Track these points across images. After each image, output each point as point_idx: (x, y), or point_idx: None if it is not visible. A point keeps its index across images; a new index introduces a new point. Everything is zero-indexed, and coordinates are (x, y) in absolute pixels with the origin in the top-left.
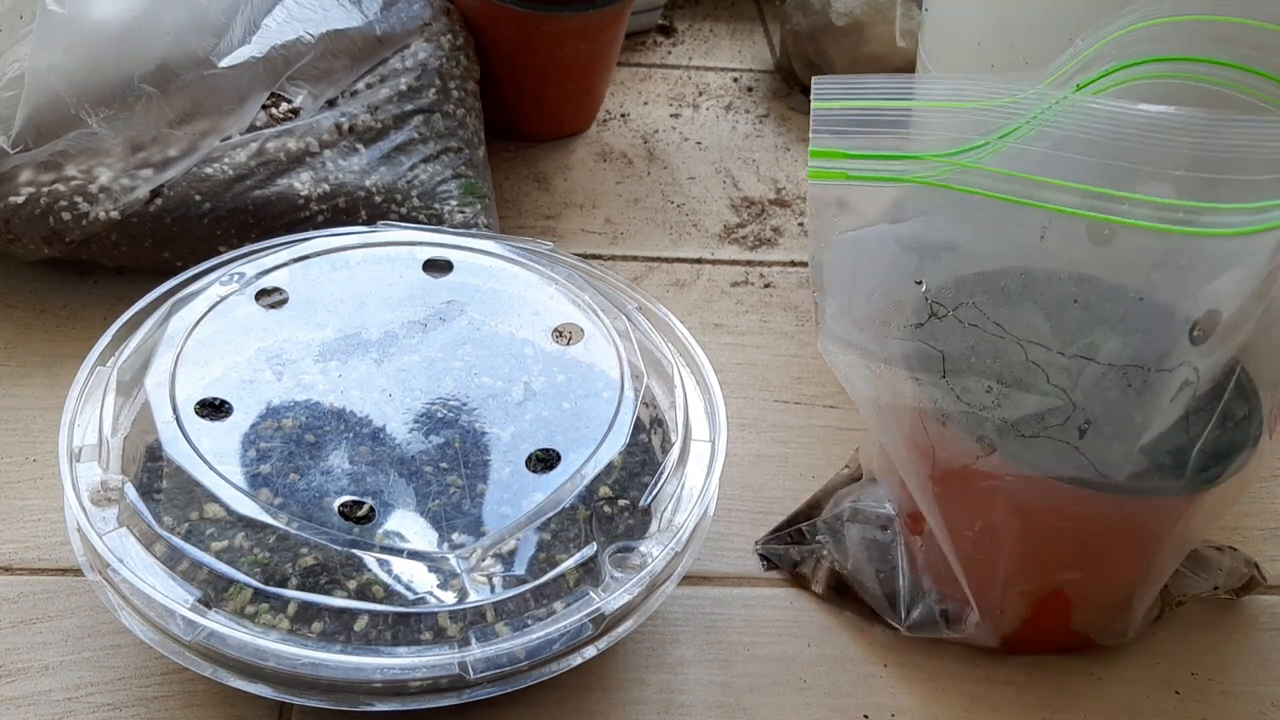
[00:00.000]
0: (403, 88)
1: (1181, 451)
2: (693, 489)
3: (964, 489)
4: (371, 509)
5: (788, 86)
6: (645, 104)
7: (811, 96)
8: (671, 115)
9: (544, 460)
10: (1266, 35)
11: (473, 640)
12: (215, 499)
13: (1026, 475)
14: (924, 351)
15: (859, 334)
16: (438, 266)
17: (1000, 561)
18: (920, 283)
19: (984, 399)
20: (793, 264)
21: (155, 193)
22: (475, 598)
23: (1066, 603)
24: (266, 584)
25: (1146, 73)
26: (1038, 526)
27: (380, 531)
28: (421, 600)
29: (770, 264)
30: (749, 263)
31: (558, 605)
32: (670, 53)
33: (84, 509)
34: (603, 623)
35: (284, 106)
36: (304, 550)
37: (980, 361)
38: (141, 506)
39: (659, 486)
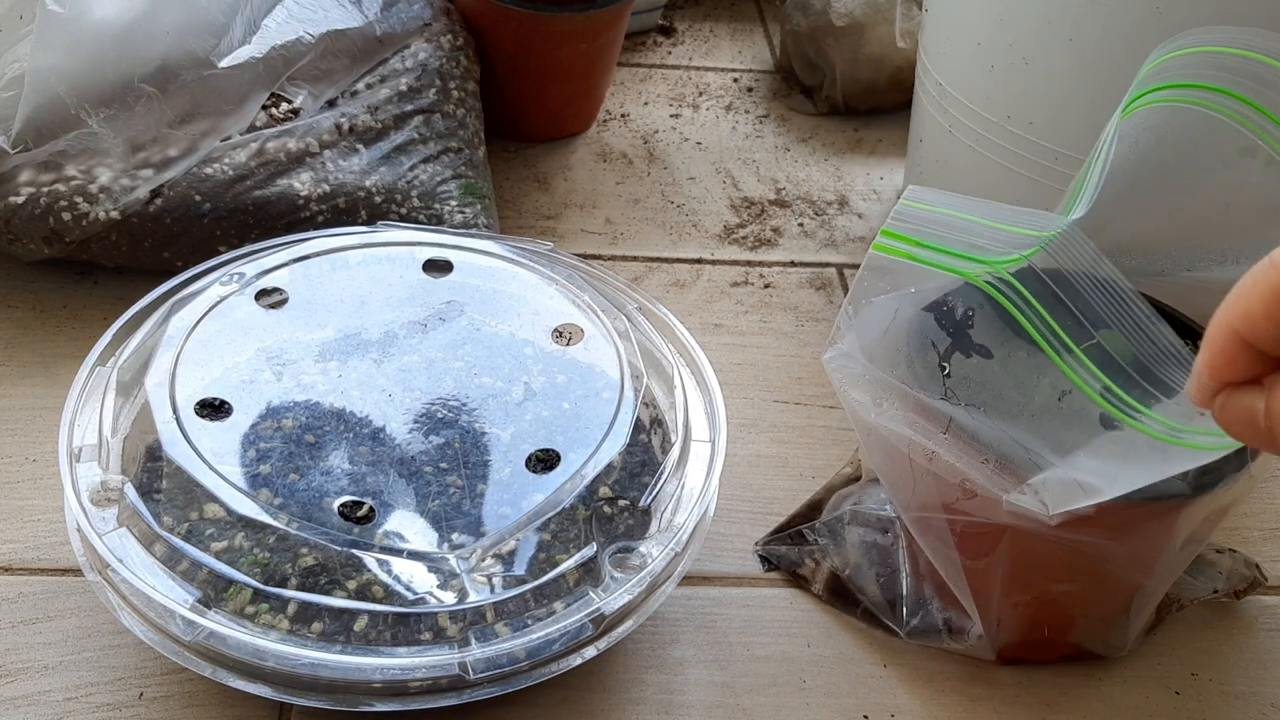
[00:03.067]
0: (403, 88)
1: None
2: (693, 489)
3: (948, 517)
4: (371, 509)
5: (788, 86)
6: (645, 104)
7: (903, 195)
8: (671, 115)
9: (544, 460)
10: (1263, 69)
11: (473, 640)
12: (215, 499)
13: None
14: (934, 410)
15: (875, 369)
16: (438, 267)
17: (994, 573)
18: (944, 367)
19: (979, 467)
20: (792, 264)
21: (155, 193)
22: (475, 598)
23: (1063, 615)
24: (266, 584)
25: (1156, 99)
26: (1026, 545)
27: (380, 532)
28: (421, 600)
29: (770, 264)
30: (749, 263)
31: (558, 605)
32: (670, 53)
33: (84, 509)
34: (603, 623)
35: (284, 106)
36: (304, 550)
37: (980, 441)
38: (141, 506)
39: (659, 487)
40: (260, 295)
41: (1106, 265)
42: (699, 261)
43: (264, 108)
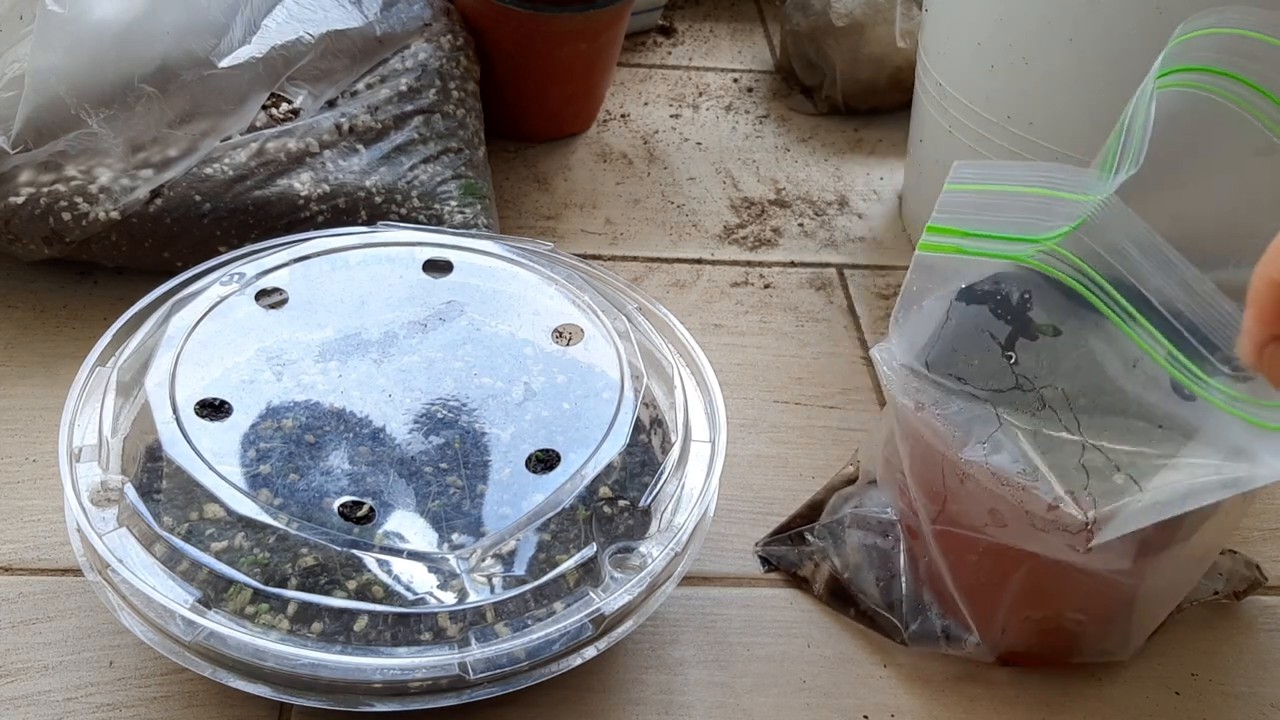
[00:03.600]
0: (403, 88)
1: None
2: (693, 489)
3: (970, 540)
4: (371, 509)
5: (788, 87)
6: (645, 104)
7: (948, 179)
8: (671, 116)
9: (544, 460)
10: (1263, 47)
11: (473, 640)
12: (215, 499)
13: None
14: (981, 413)
15: (929, 370)
16: (438, 267)
17: (1007, 590)
18: (1010, 355)
19: (1015, 478)
20: (793, 264)
21: (155, 193)
22: (475, 598)
23: (1070, 634)
24: (266, 584)
25: (1168, 83)
26: (1049, 571)
27: (380, 532)
28: (421, 600)
29: (770, 264)
30: (749, 263)
31: (558, 606)
32: (670, 53)
33: (84, 509)
34: (603, 623)
35: (284, 107)
36: (304, 550)
37: (1031, 444)
38: (141, 507)
39: (659, 487)
40: (260, 295)
41: (1151, 232)
42: (699, 262)
43: (264, 108)
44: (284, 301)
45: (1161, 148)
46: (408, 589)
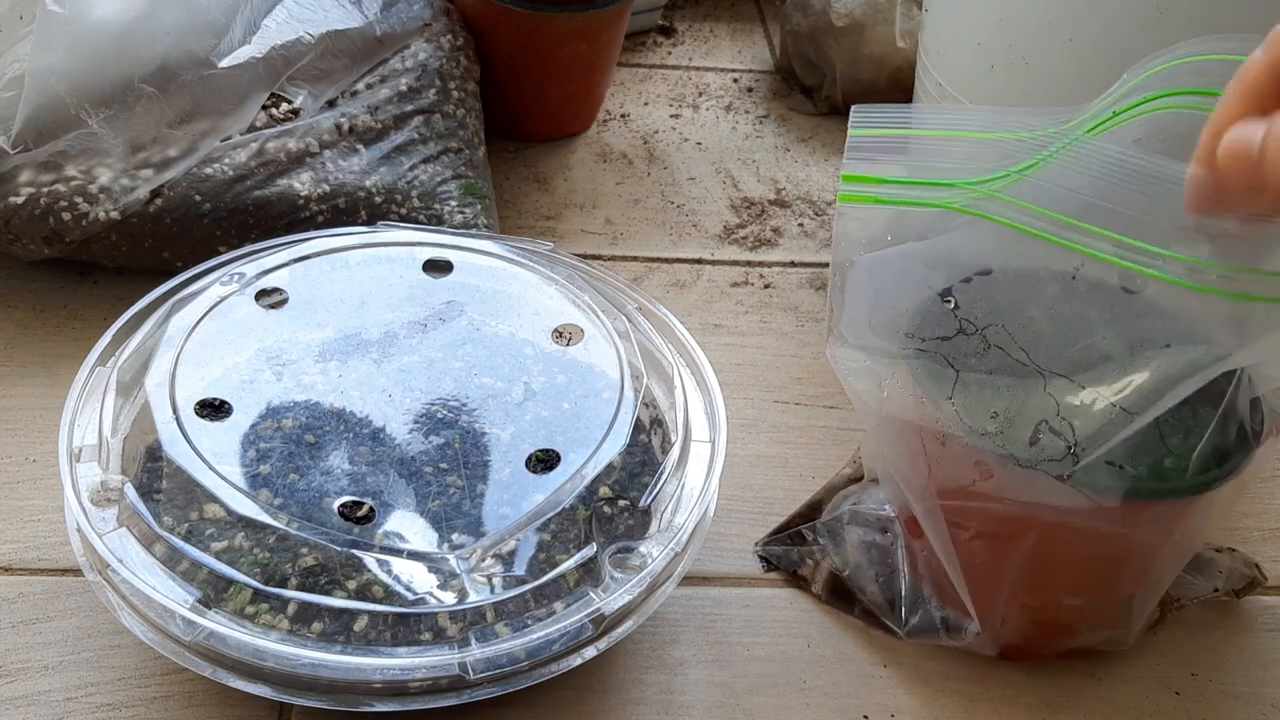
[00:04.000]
0: (403, 88)
1: (1180, 457)
2: (693, 489)
3: (963, 506)
4: (371, 509)
5: (788, 87)
6: (645, 104)
7: (849, 123)
8: (671, 116)
9: (544, 460)
10: None
11: (473, 640)
12: (215, 499)
13: (1024, 501)
14: (936, 369)
15: (875, 339)
16: (438, 267)
17: (1005, 575)
18: (950, 300)
19: (987, 424)
20: (793, 264)
21: (155, 193)
22: (475, 598)
23: (1068, 621)
24: (266, 584)
25: (1175, 103)
26: (1044, 544)
27: (380, 532)
28: (421, 600)
29: (770, 264)
30: (749, 263)
31: (558, 605)
32: (670, 53)
33: (84, 509)
34: (603, 623)
35: (284, 107)
36: (304, 550)
37: (992, 386)
38: (141, 507)
39: (659, 487)
40: (260, 295)
41: (1124, 151)
42: (699, 261)
43: (264, 108)
44: (284, 301)
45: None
46: (408, 589)
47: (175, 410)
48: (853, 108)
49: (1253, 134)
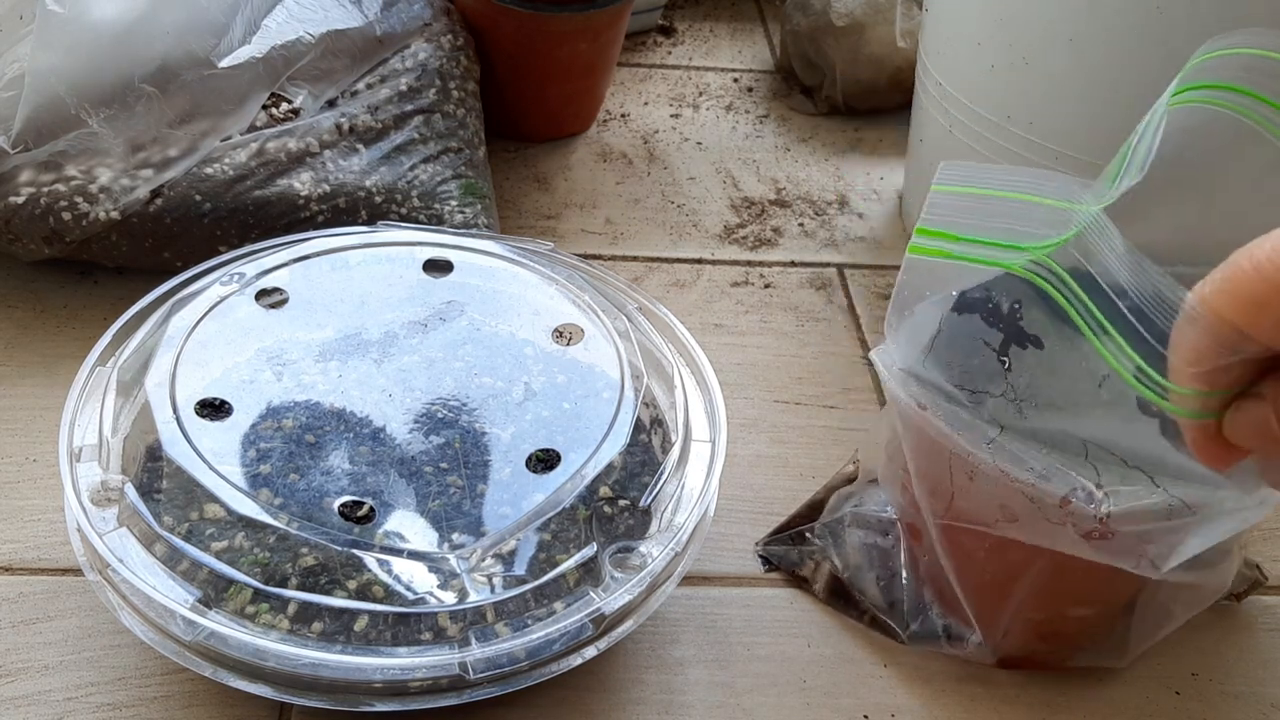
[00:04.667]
0: (403, 88)
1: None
2: (693, 489)
3: (979, 531)
4: (371, 509)
5: (788, 86)
6: (645, 104)
7: (935, 179)
8: (671, 115)
9: (544, 460)
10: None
11: (473, 640)
12: (215, 499)
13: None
14: (983, 418)
15: (926, 373)
16: (438, 266)
17: (1014, 592)
18: (1004, 360)
19: (1023, 475)
20: (793, 264)
21: (155, 193)
22: (475, 598)
23: (1071, 636)
24: (266, 584)
25: (1189, 99)
26: (1058, 568)
27: (380, 531)
28: (421, 600)
29: (770, 264)
30: (749, 263)
31: (558, 605)
32: (670, 53)
33: (84, 509)
34: (603, 623)
35: (284, 106)
36: (304, 550)
37: (1034, 445)
38: (141, 506)
39: (659, 486)
40: (260, 295)
41: (1128, 246)
42: (699, 261)
43: (264, 108)
44: (284, 301)
45: (1177, 160)
46: (408, 589)
47: (175, 410)
48: (942, 164)
49: (1263, 410)
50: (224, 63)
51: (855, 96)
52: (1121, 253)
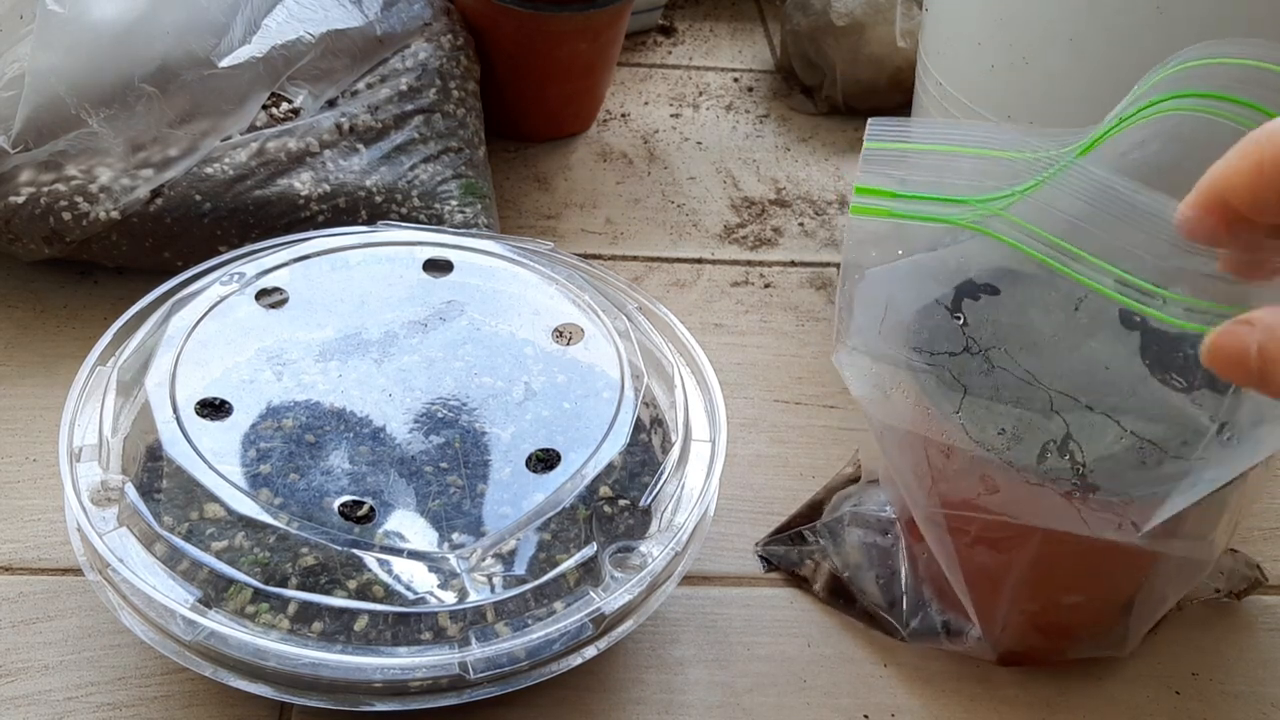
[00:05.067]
0: (403, 88)
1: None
2: (693, 489)
3: (965, 515)
4: (371, 509)
5: (788, 86)
6: (645, 104)
7: (865, 136)
8: (672, 115)
9: (544, 460)
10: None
11: (473, 640)
12: (215, 499)
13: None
14: (945, 381)
15: (884, 346)
16: (438, 266)
17: (1006, 580)
18: (959, 316)
19: (995, 440)
20: (793, 264)
21: (155, 193)
22: (475, 598)
23: (1068, 625)
24: (266, 584)
25: (1181, 106)
26: (1047, 550)
27: (380, 531)
28: (421, 600)
29: (770, 264)
30: (749, 263)
31: (558, 605)
32: (670, 53)
33: (84, 509)
34: (603, 623)
35: (284, 106)
36: (304, 550)
37: (1000, 403)
38: (141, 506)
39: (659, 486)
40: (260, 295)
41: (1120, 181)
42: (699, 261)
43: (264, 107)
44: (284, 301)
45: (1174, 169)
46: (408, 589)
47: (175, 410)
48: (870, 121)
49: (1246, 337)
50: (224, 63)
51: (855, 96)
52: (1093, 182)
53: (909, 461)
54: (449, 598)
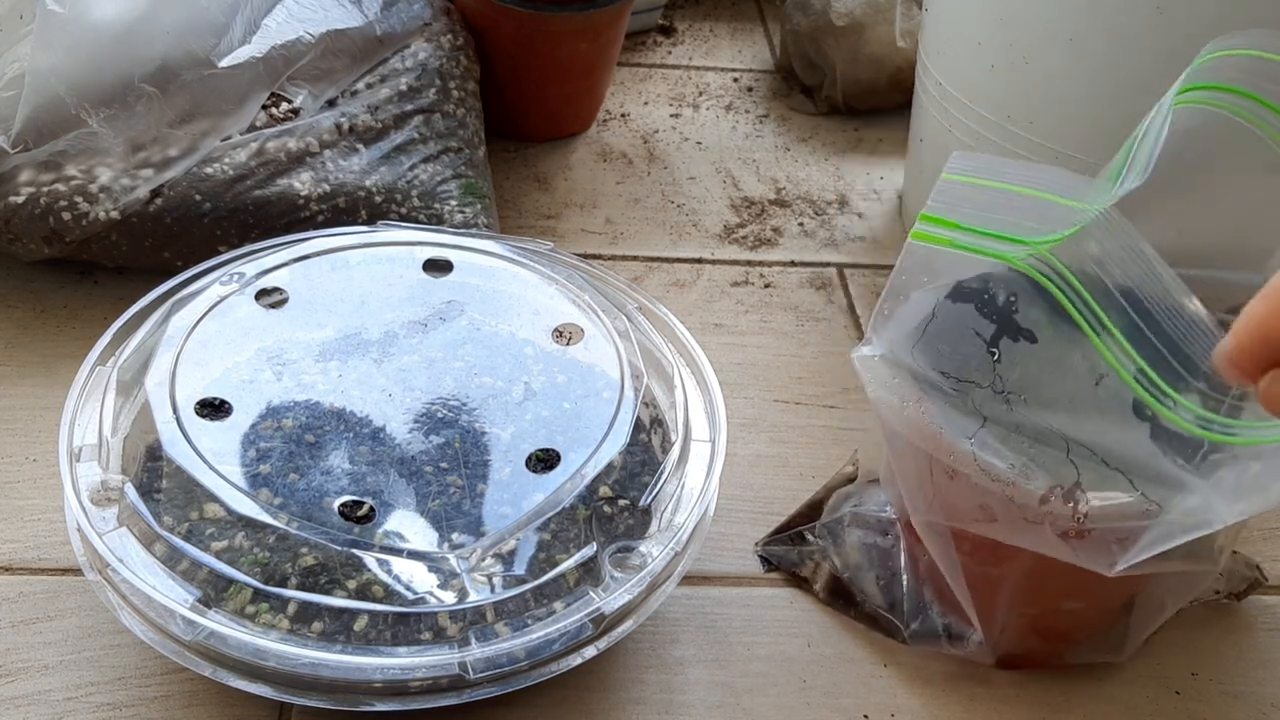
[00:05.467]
0: (403, 88)
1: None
2: (693, 489)
3: (962, 529)
4: (371, 509)
5: (788, 86)
6: (645, 104)
7: (946, 167)
8: (671, 115)
9: (544, 460)
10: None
11: (473, 640)
12: (215, 499)
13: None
14: (965, 409)
15: (914, 362)
16: (438, 266)
17: (1004, 585)
18: (994, 352)
19: (1002, 473)
20: (793, 264)
21: (155, 193)
22: (475, 598)
23: (1066, 629)
24: (266, 584)
25: (1186, 99)
26: (1041, 563)
27: (380, 531)
28: (421, 600)
29: (770, 264)
30: (749, 263)
31: (558, 605)
32: (670, 53)
33: (84, 509)
34: (603, 623)
35: (284, 106)
36: (304, 550)
37: (1017, 440)
38: (141, 506)
39: (659, 486)
40: (260, 295)
41: (1143, 243)
42: (699, 261)
43: (264, 107)
44: (284, 301)
45: (1176, 161)
46: (408, 589)
47: (175, 410)
48: (955, 153)
49: None
50: (224, 63)
51: (855, 96)
52: (1134, 252)
53: (913, 472)
54: (449, 598)
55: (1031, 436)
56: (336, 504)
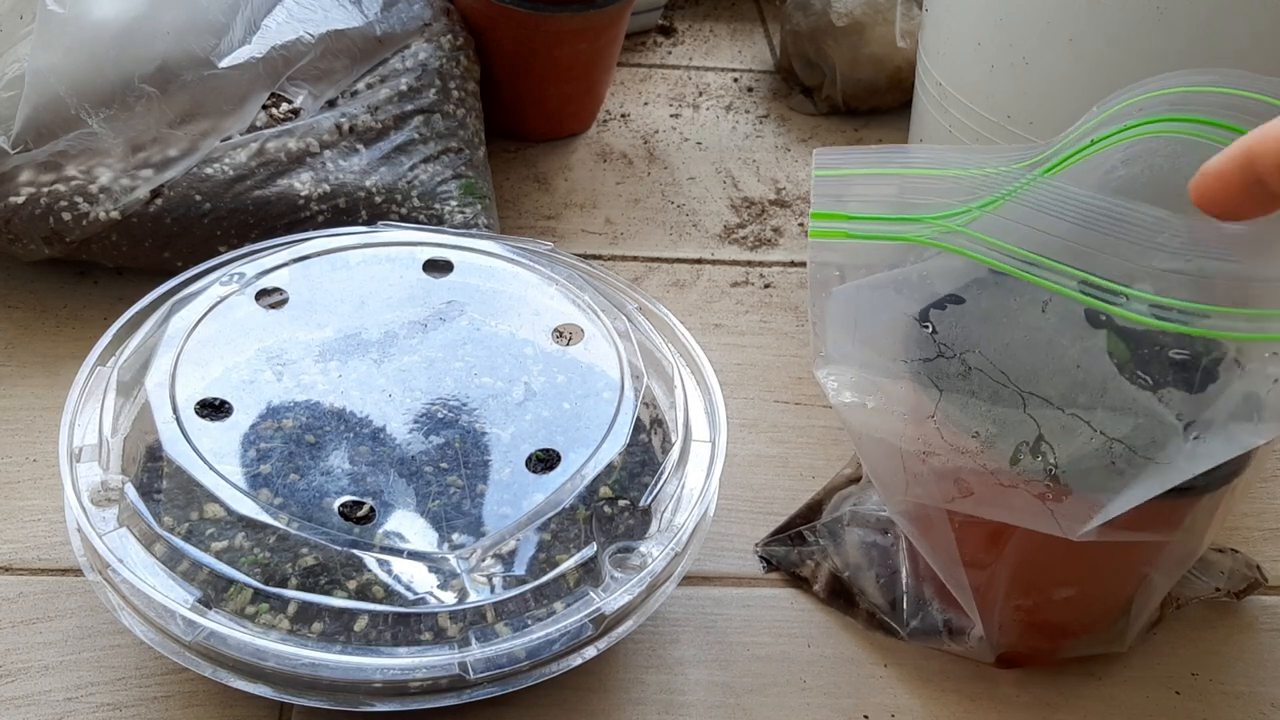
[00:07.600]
0: (403, 88)
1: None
2: (693, 489)
3: (941, 519)
4: (371, 509)
5: (788, 86)
6: (645, 104)
7: (813, 165)
8: (671, 115)
9: (544, 460)
10: (1262, 105)
11: (473, 640)
12: (215, 499)
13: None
14: (921, 384)
15: (862, 353)
16: (438, 267)
17: (995, 574)
18: (928, 325)
19: (969, 444)
20: (793, 264)
21: (155, 193)
22: (475, 598)
23: (1064, 620)
24: (266, 584)
25: (1160, 129)
26: (1031, 547)
27: (380, 531)
28: (421, 600)
29: (770, 264)
30: (749, 263)
31: (558, 605)
32: (670, 53)
33: (84, 509)
34: (603, 623)
35: (284, 106)
36: (304, 550)
37: (975, 405)
38: (141, 506)
39: (659, 487)
40: (260, 295)
41: (1079, 192)
42: (699, 261)
43: (264, 108)
44: (284, 301)
45: (1155, 185)
46: (408, 589)
47: (175, 410)
48: (815, 152)
49: (1235, 149)
50: (224, 63)
51: (855, 96)
52: (1068, 195)
53: (888, 467)
54: (449, 598)
55: (989, 400)
56: (336, 504)
